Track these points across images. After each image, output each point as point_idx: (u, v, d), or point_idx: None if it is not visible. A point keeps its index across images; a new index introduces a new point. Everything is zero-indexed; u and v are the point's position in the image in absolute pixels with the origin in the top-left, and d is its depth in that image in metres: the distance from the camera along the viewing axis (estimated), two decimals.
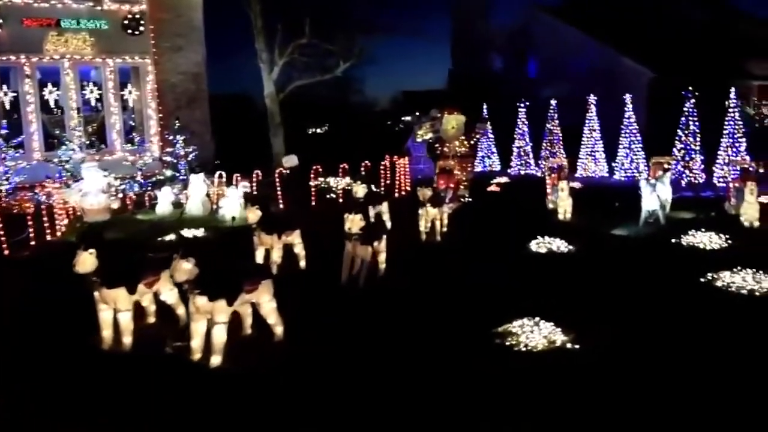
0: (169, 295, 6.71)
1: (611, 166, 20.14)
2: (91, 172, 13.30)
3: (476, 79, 30.63)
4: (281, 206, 14.50)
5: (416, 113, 19.44)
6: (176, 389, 5.41)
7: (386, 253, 8.77)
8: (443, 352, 6.08)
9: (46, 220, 11.54)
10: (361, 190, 11.08)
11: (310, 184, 15.76)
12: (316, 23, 22.92)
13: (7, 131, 16.12)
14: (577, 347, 6.09)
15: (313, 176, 16.01)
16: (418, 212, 11.03)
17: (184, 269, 5.49)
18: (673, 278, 8.47)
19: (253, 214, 8.45)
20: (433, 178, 15.05)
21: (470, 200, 15.24)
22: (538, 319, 6.55)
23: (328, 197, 16.02)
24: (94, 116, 18.89)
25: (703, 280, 8.28)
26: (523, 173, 21.63)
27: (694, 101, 17.69)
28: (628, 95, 19.43)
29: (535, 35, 29.96)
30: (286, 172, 16.51)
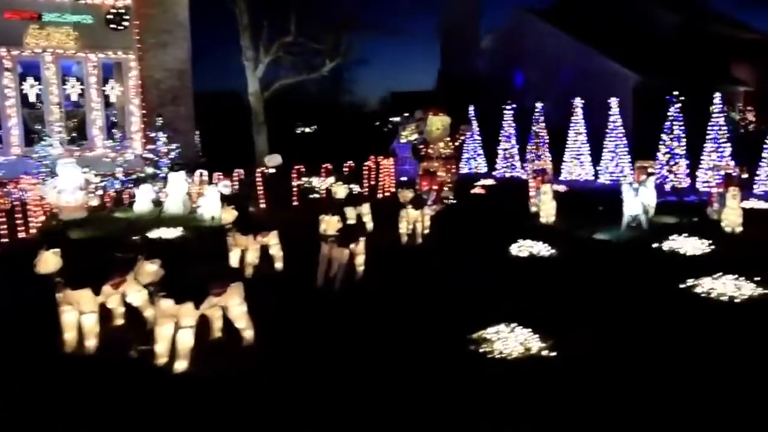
0: (136, 296, 6.51)
1: (596, 169, 20.11)
2: (67, 168, 13.03)
3: (464, 80, 30.54)
4: (263, 206, 14.33)
5: (405, 114, 19.32)
6: (138, 395, 5.24)
7: (365, 255, 8.64)
8: (416, 358, 5.94)
9: (19, 217, 11.30)
10: (341, 190, 10.91)
11: (292, 183, 15.59)
12: (302, 21, 22.74)
13: None
14: (553, 355, 5.97)
15: (295, 176, 15.84)
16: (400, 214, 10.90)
17: (148, 271, 5.32)
18: (653, 284, 8.37)
19: (228, 214, 8.25)
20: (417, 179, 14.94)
21: (454, 202, 15.13)
22: (514, 325, 6.43)
23: (311, 197, 15.86)
24: (75, 111, 18.64)
25: (683, 286, 8.19)
26: (508, 175, 21.56)
27: (679, 105, 17.69)
28: (613, 99, 19.39)
29: (522, 38, 29.90)
30: (268, 171, 16.33)
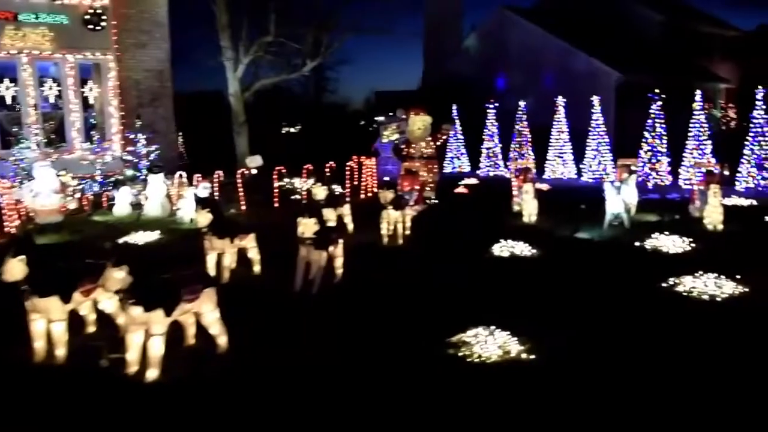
0: (108, 303, 6.36)
1: (579, 167, 20.12)
2: (43, 171, 12.77)
3: (447, 79, 30.49)
4: (243, 208, 14.16)
5: (389, 113, 19.22)
6: (108, 405, 5.08)
7: (344, 257, 8.52)
8: (394, 362, 5.83)
9: None
10: (320, 192, 10.75)
11: (273, 185, 15.42)
12: (281, 21, 22.55)
13: None
14: (532, 358, 5.89)
15: (276, 177, 15.68)
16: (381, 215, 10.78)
17: (115, 278, 5.16)
18: (635, 283, 8.33)
19: (203, 217, 8.07)
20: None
21: (436, 202, 15.05)
22: (493, 328, 6.34)
23: (292, 198, 15.71)
24: (53, 113, 18.33)
25: (664, 285, 8.15)
26: (492, 174, 21.53)
27: (661, 103, 17.72)
28: (596, 97, 19.40)
29: (505, 37, 29.90)
30: (249, 172, 16.15)
